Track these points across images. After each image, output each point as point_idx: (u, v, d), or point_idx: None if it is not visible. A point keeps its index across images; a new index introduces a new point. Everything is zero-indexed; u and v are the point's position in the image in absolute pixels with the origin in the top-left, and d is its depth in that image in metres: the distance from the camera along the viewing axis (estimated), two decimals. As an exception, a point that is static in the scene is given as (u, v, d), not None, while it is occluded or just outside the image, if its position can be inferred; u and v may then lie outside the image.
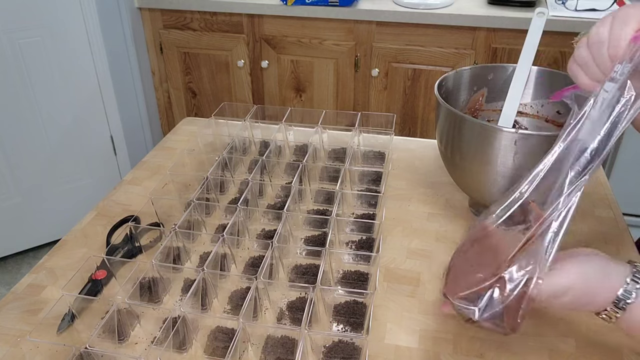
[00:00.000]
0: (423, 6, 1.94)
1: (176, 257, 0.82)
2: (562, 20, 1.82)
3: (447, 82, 0.95)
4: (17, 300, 0.78)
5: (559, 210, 0.56)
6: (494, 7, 1.94)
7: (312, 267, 0.81)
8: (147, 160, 1.13)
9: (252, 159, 1.07)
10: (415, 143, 1.19)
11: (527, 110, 0.99)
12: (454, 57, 1.99)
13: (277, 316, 0.74)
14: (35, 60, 1.91)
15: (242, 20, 2.10)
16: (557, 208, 0.56)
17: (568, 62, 0.63)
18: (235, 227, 0.84)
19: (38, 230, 2.16)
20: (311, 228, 0.90)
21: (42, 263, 0.85)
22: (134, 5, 2.14)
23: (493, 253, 0.58)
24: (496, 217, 0.60)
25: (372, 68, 2.07)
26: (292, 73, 2.17)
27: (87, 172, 2.19)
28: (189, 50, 2.21)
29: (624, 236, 0.89)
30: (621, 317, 0.56)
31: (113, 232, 0.90)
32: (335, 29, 2.04)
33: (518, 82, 0.90)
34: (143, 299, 0.76)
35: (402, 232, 0.91)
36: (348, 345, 0.67)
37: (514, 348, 0.70)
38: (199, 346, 0.70)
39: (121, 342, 0.71)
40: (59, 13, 1.90)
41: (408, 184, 1.04)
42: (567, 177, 0.57)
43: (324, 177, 1.02)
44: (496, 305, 0.56)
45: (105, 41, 2.04)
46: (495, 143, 0.79)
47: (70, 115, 2.07)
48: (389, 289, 0.79)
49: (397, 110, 2.13)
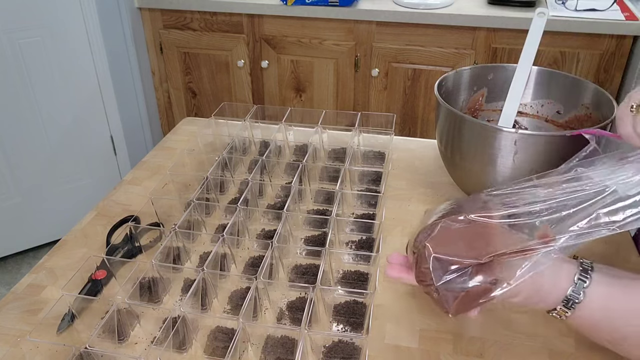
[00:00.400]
0: (423, 6, 1.94)
1: (176, 257, 0.82)
2: (562, 20, 1.82)
3: (447, 82, 0.95)
4: (17, 300, 0.78)
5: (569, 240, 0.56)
6: (494, 7, 1.94)
7: (312, 267, 0.81)
8: (147, 160, 1.13)
9: (252, 159, 1.07)
10: (415, 143, 1.19)
11: (527, 110, 0.99)
12: (454, 57, 1.99)
13: (277, 316, 0.74)
14: (35, 60, 1.91)
15: (242, 20, 2.10)
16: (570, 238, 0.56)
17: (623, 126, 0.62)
18: (235, 227, 0.84)
19: (38, 230, 2.16)
20: (311, 228, 0.90)
21: (42, 263, 0.85)
22: (134, 5, 2.14)
23: (485, 242, 0.58)
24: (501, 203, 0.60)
25: (372, 68, 2.07)
26: (292, 73, 2.17)
27: (87, 172, 2.19)
28: (189, 50, 2.21)
29: (624, 236, 0.89)
30: (571, 316, 0.57)
31: (113, 232, 0.90)
32: (335, 29, 2.04)
33: (518, 82, 0.90)
34: (143, 299, 0.76)
35: (402, 232, 0.91)
36: (348, 345, 0.67)
37: (514, 348, 0.70)
38: (198, 346, 0.70)
39: (121, 342, 0.71)
40: (59, 13, 1.91)
41: (408, 184, 1.04)
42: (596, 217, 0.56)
43: (324, 177, 1.02)
44: (458, 285, 0.56)
45: (105, 41, 2.04)
46: (495, 143, 0.79)
47: (70, 115, 2.07)
48: (389, 289, 0.79)
49: (397, 110, 2.13)
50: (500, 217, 0.60)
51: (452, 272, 0.57)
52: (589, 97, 0.91)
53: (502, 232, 0.58)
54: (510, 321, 0.74)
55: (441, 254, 0.57)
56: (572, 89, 0.94)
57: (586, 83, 0.92)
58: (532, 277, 0.56)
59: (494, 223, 0.59)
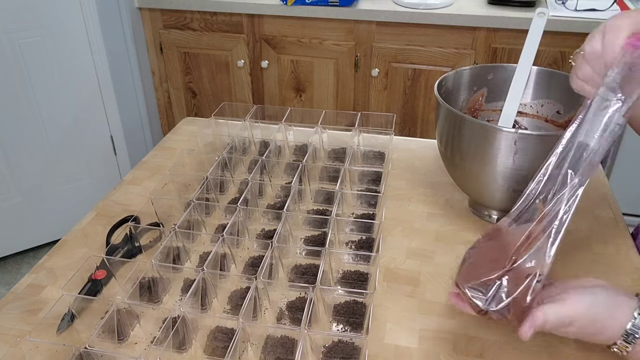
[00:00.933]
0: (423, 6, 1.94)
1: (176, 257, 0.82)
2: (562, 20, 1.82)
3: (447, 82, 0.95)
4: (17, 300, 0.78)
5: (559, 207, 0.59)
6: (494, 7, 1.94)
7: (311, 267, 0.81)
8: (147, 160, 1.13)
9: (252, 159, 1.07)
10: (415, 143, 1.19)
11: (527, 110, 0.99)
12: (454, 57, 1.99)
13: (277, 316, 0.74)
14: (35, 60, 1.91)
15: (242, 20, 2.10)
16: (557, 204, 0.59)
17: (571, 79, 0.66)
18: (235, 227, 0.84)
19: (38, 230, 2.16)
20: (311, 228, 0.90)
21: (42, 263, 0.85)
22: (134, 5, 2.14)
23: (503, 249, 0.60)
24: (509, 216, 0.63)
25: (372, 68, 2.07)
26: (292, 73, 2.17)
27: (87, 172, 2.19)
28: (189, 50, 2.21)
29: (624, 236, 0.89)
30: (632, 351, 0.57)
31: (113, 232, 0.90)
32: (335, 29, 2.04)
33: (518, 82, 0.90)
34: (143, 299, 0.76)
35: (402, 232, 0.91)
36: (348, 345, 0.67)
37: (514, 348, 0.70)
38: (198, 346, 0.70)
39: (121, 342, 0.71)
40: (59, 13, 1.91)
41: (408, 184, 1.04)
42: (567, 175, 0.60)
43: (324, 177, 1.02)
44: (503, 297, 0.58)
45: (105, 41, 2.04)
46: (495, 143, 0.79)
47: (70, 115, 2.07)
48: (389, 288, 0.79)
49: (397, 110, 2.13)
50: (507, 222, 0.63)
51: (490, 291, 0.59)
52: (589, 97, 0.91)
53: (511, 233, 0.61)
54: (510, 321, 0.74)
55: (472, 283, 0.60)
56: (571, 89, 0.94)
57: (586, 83, 0.92)
58: (586, 307, 0.57)
59: (501, 228, 0.63)
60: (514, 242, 0.59)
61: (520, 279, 0.58)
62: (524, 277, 0.57)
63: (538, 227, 0.59)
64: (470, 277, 0.61)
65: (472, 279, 0.60)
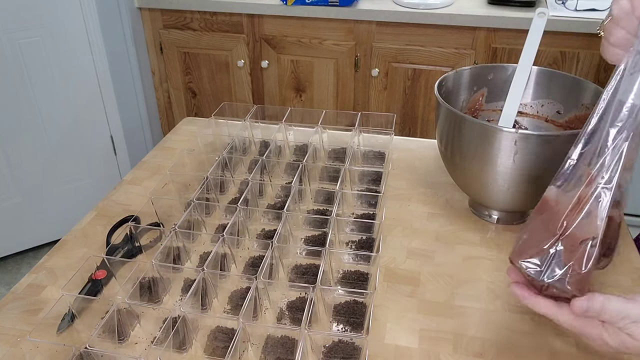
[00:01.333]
0: (423, 6, 1.94)
1: (176, 257, 0.82)
2: (562, 20, 1.82)
3: (447, 82, 0.95)
4: (17, 300, 0.78)
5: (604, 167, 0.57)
6: (494, 7, 1.94)
7: (312, 267, 0.81)
8: (147, 160, 1.13)
9: (252, 159, 1.07)
10: (415, 143, 1.19)
11: (527, 110, 0.99)
12: (454, 57, 1.99)
13: (277, 316, 0.74)
14: (35, 60, 1.91)
15: (242, 20, 2.10)
16: (602, 165, 0.57)
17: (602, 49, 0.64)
18: (235, 227, 0.84)
19: (38, 230, 2.16)
20: (311, 228, 0.90)
21: (42, 263, 0.85)
22: (134, 5, 2.14)
23: (554, 219, 0.59)
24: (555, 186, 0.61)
25: (372, 68, 2.07)
26: (292, 73, 2.17)
27: (87, 172, 2.19)
28: (189, 50, 2.21)
29: (624, 236, 0.89)
30: None
31: (113, 232, 0.90)
32: (335, 29, 2.04)
33: (518, 82, 0.90)
34: (143, 299, 0.76)
35: (402, 232, 0.91)
36: (348, 345, 0.67)
37: (514, 348, 0.70)
38: (198, 346, 0.70)
39: (121, 342, 0.71)
40: (59, 13, 1.91)
41: (408, 184, 1.04)
42: (608, 134, 0.58)
43: (324, 177, 1.02)
44: (559, 265, 0.56)
45: (105, 41, 2.04)
46: (495, 143, 0.79)
47: (70, 115, 2.07)
48: (389, 288, 0.79)
49: (397, 110, 2.13)
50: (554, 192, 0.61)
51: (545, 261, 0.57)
52: (589, 97, 0.91)
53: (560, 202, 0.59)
54: (510, 321, 0.74)
55: (527, 257, 0.58)
56: (572, 89, 0.94)
57: (586, 83, 0.92)
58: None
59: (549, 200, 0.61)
60: (564, 210, 0.58)
61: (575, 245, 0.56)
62: (578, 244, 0.56)
63: (586, 190, 0.57)
64: (524, 251, 0.59)
65: (525, 254, 0.59)
